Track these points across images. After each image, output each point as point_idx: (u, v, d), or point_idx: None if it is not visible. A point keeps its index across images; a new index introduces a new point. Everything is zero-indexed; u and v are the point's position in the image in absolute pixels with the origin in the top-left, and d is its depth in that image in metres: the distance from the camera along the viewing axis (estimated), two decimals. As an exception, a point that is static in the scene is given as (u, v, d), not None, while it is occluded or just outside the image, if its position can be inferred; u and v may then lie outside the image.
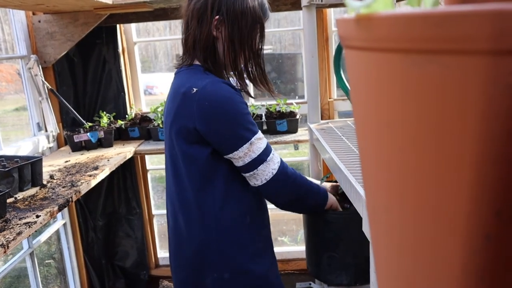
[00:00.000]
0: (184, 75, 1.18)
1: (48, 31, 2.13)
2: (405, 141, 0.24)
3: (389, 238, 0.29)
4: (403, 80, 0.24)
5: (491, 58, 0.19)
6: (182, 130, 1.13)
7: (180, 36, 1.22)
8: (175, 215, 1.23)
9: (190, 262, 1.21)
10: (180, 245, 1.23)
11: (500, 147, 0.21)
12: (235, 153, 1.13)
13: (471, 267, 0.24)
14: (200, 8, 1.15)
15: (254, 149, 1.14)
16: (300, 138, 2.12)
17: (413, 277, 0.27)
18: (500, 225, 0.23)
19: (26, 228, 1.20)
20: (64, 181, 1.64)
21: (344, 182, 1.10)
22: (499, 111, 0.21)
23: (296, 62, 2.67)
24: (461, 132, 0.22)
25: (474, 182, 0.22)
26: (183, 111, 1.12)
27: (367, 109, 0.29)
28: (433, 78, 0.22)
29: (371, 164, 0.29)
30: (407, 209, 0.26)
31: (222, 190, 1.18)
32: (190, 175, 1.16)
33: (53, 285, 2.34)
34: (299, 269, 2.51)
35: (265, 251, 1.26)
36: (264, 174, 1.16)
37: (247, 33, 1.16)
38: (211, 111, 1.10)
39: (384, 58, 0.25)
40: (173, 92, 1.18)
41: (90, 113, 2.38)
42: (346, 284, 1.45)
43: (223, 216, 1.18)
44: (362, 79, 0.28)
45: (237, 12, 1.14)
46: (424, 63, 0.22)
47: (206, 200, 1.17)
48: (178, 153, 1.17)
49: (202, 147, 1.14)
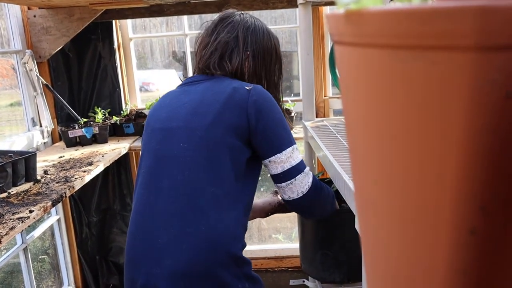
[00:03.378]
0: (222, 80, 1.20)
1: (43, 26, 2.12)
2: (392, 136, 0.25)
3: (376, 233, 0.30)
4: (391, 76, 0.24)
5: (475, 54, 0.20)
6: (231, 123, 1.11)
7: (176, 32, 1.24)
8: (190, 215, 1.06)
9: (214, 260, 1.05)
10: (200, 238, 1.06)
11: (484, 143, 0.22)
12: (278, 155, 1.14)
13: (455, 262, 0.24)
14: (230, 42, 1.22)
15: (295, 156, 1.16)
16: (295, 136, 2.11)
17: (399, 272, 0.28)
18: (485, 220, 0.23)
19: (19, 223, 1.20)
20: (58, 176, 1.64)
21: (338, 179, 1.10)
22: (483, 107, 0.21)
23: (292, 60, 2.67)
24: (446, 128, 0.22)
25: (459, 177, 0.23)
26: (236, 103, 1.12)
27: (356, 104, 0.29)
28: (419, 74, 0.22)
29: (359, 159, 0.29)
30: (394, 203, 0.26)
31: (248, 196, 1.16)
32: (232, 171, 1.10)
33: (46, 280, 2.34)
34: (293, 266, 2.52)
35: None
36: (301, 186, 1.16)
37: (270, 68, 1.28)
38: (265, 108, 1.14)
39: (373, 54, 0.25)
40: (208, 88, 1.17)
41: (85, 109, 2.37)
42: (339, 281, 1.46)
43: (242, 223, 1.14)
44: (352, 75, 0.29)
45: (264, 49, 1.26)
46: (411, 59, 0.22)
47: (238, 202, 1.12)
48: (222, 146, 1.10)
49: (245, 146, 1.14)
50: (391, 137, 0.25)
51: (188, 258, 1.03)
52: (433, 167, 0.23)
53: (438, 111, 0.22)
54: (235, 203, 1.11)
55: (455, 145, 0.22)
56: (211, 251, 1.04)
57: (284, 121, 1.18)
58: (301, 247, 1.56)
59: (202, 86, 1.19)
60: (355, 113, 0.29)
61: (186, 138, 1.11)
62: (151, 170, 1.13)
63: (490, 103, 0.21)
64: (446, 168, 0.23)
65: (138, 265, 1.07)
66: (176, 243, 1.04)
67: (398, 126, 0.24)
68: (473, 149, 0.22)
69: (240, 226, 1.12)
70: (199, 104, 1.14)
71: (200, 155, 1.09)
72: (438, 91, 0.21)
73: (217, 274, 1.04)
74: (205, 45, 1.25)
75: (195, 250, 1.03)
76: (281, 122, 1.17)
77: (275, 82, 1.32)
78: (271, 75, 1.30)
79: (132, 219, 1.13)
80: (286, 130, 1.17)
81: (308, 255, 1.50)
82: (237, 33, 1.23)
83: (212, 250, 1.04)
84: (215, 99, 1.13)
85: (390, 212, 0.26)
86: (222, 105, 1.12)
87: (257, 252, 2.57)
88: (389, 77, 0.24)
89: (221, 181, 1.09)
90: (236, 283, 1.06)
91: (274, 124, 1.15)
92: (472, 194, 0.23)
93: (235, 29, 1.23)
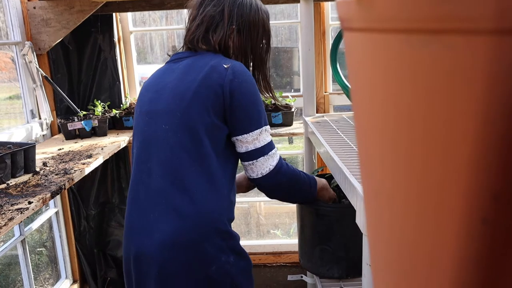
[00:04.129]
0: (203, 56, 1.20)
1: (43, 17, 2.11)
2: (410, 123, 0.24)
3: (390, 224, 0.29)
4: (405, 61, 0.23)
5: (494, 38, 0.19)
6: (208, 100, 1.13)
7: (176, 26, 1.25)
8: (175, 192, 1.13)
9: (197, 240, 1.12)
10: (184, 220, 1.12)
11: (501, 129, 0.21)
12: (244, 136, 1.16)
13: (467, 252, 0.24)
14: (215, 16, 1.22)
15: (261, 138, 1.18)
16: (295, 131, 2.12)
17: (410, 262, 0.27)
18: (498, 209, 0.23)
19: (18, 214, 1.19)
20: (57, 168, 1.63)
21: (339, 174, 1.10)
22: (501, 92, 0.20)
23: (293, 56, 2.66)
24: (463, 114, 0.22)
25: (473, 165, 0.22)
26: (212, 82, 1.13)
27: (370, 94, 0.28)
28: (436, 58, 0.22)
29: (369, 146, 0.29)
30: (411, 193, 0.26)
31: (231, 170, 1.20)
32: (212, 148, 1.15)
33: (44, 273, 2.33)
34: (291, 262, 2.52)
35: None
36: (261, 167, 1.19)
37: (256, 42, 1.26)
38: (240, 88, 1.14)
39: (386, 39, 0.24)
40: (189, 66, 1.18)
41: (84, 102, 2.36)
42: (338, 276, 1.46)
43: (227, 198, 1.18)
44: (363, 63, 0.28)
45: (250, 23, 1.24)
46: (427, 44, 0.22)
47: (221, 177, 1.16)
48: (200, 125, 1.13)
49: (222, 124, 1.16)
50: (409, 123, 0.24)
51: (173, 231, 1.11)
52: (447, 155, 0.22)
53: (456, 96, 0.21)
54: (218, 179, 1.15)
55: (471, 131, 0.21)
56: (195, 224, 1.11)
57: (259, 102, 1.18)
58: (300, 242, 1.56)
59: (184, 64, 1.21)
60: (369, 104, 0.28)
61: (167, 120, 1.16)
62: (141, 150, 1.21)
63: (508, 89, 0.20)
64: (460, 156, 0.22)
65: (131, 238, 1.18)
66: (164, 218, 1.12)
67: (417, 112, 0.24)
68: (489, 136, 0.21)
69: (224, 200, 1.17)
70: (179, 84, 1.17)
71: (181, 136, 1.14)
72: (455, 76, 0.21)
73: (200, 246, 1.11)
74: (193, 18, 1.25)
75: (179, 223, 1.11)
76: (254, 103, 1.17)
77: (262, 57, 1.30)
78: (257, 50, 1.28)
79: (128, 198, 1.23)
80: (258, 112, 1.18)
81: (307, 250, 1.50)
82: (223, 7, 1.22)
83: (196, 224, 1.12)
84: (193, 79, 1.15)
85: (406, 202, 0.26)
86: (199, 84, 1.14)
87: (255, 248, 2.57)
88: (399, 64, 0.24)
89: (202, 160, 1.14)
90: (220, 255, 1.13)
91: (246, 104, 1.15)
92: (486, 183, 0.22)
93: (222, 3, 1.23)
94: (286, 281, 2.31)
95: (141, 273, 1.16)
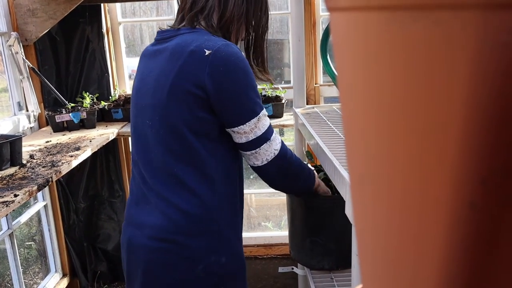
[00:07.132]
0: (187, 36, 1.08)
1: (29, 7, 2.07)
2: (393, 106, 0.23)
3: (375, 211, 0.28)
4: (389, 40, 0.22)
5: (480, 13, 0.18)
6: (188, 94, 1.04)
7: (166, 17, 1.19)
8: (165, 193, 1.11)
9: (187, 242, 1.10)
10: (173, 221, 1.11)
11: (487, 111, 0.20)
12: (241, 127, 1.07)
13: (455, 238, 0.23)
14: None
15: (260, 125, 1.09)
16: (286, 123, 2.11)
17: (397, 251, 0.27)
18: (485, 194, 0.22)
19: (3, 207, 1.17)
20: (45, 161, 1.61)
21: (329, 166, 1.09)
22: (487, 72, 0.20)
23: (283, 48, 2.65)
24: (448, 95, 0.21)
25: (459, 148, 0.21)
26: (190, 73, 1.03)
27: (353, 76, 0.27)
28: (420, 36, 0.21)
29: (356, 132, 0.28)
30: (396, 178, 0.25)
31: (226, 166, 1.14)
32: (200, 143, 1.08)
33: (33, 267, 2.32)
34: (282, 253, 2.52)
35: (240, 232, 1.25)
36: (266, 154, 1.11)
37: (254, 11, 1.17)
38: (228, 77, 1.04)
39: (371, 17, 0.23)
40: (170, 52, 1.07)
41: (72, 94, 2.33)
42: (328, 268, 1.46)
43: (223, 195, 1.13)
44: (347, 44, 0.27)
45: None
46: (411, 21, 0.21)
47: (212, 174, 1.11)
48: (180, 121, 1.06)
49: (210, 116, 1.07)
50: (392, 106, 0.23)
51: (161, 226, 1.10)
52: (433, 138, 0.22)
53: (440, 76, 0.20)
54: (207, 175, 1.10)
55: (457, 113, 0.20)
56: (182, 220, 1.09)
57: (250, 88, 1.08)
58: (290, 234, 1.56)
59: (166, 47, 1.10)
60: (352, 85, 0.27)
61: (150, 115, 1.11)
62: (133, 144, 1.20)
63: (495, 68, 0.19)
64: (447, 139, 0.21)
65: (126, 228, 1.21)
66: (154, 213, 1.12)
67: (399, 94, 0.23)
68: (476, 117, 0.20)
69: (216, 196, 1.12)
70: (160, 74, 1.08)
71: (163, 133, 1.09)
72: (439, 55, 0.20)
73: (187, 243, 1.10)
74: None
75: (167, 219, 1.10)
76: (246, 92, 1.07)
77: (260, 32, 1.22)
78: (256, 22, 1.20)
79: (130, 190, 1.25)
80: (251, 99, 1.08)
81: (297, 242, 1.49)
82: None
83: (183, 220, 1.09)
84: (172, 68, 1.05)
85: (391, 186, 0.25)
86: (176, 75, 1.04)
87: (246, 240, 2.56)
88: (387, 42, 0.23)
89: (188, 156, 1.09)
90: (209, 254, 1.11)
91: (238, 95, 1.06)
92: (473, 166, 0.21)
93: None
94: (277, 273, 2.32)
95: (131, 261, 1.18)
